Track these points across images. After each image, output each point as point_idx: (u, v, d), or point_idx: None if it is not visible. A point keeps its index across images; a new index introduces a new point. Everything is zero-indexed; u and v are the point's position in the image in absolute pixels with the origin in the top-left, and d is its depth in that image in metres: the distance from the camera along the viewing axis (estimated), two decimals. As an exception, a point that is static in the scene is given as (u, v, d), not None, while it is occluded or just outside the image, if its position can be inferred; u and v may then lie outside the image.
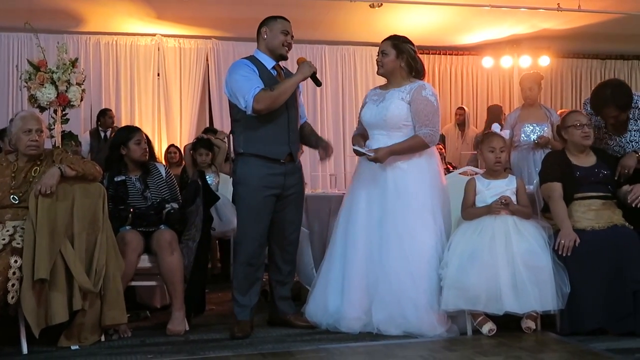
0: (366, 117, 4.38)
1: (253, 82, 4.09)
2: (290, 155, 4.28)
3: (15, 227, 3.89)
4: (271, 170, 4.21)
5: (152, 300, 5.06)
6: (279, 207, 4.30)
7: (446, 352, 3.69)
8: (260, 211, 4.21)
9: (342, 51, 9.95)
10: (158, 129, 9.33)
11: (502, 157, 4.27)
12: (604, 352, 3.64)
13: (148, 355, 3.74)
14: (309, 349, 3.83)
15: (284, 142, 4.25)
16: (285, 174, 4.26)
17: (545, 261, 3.99)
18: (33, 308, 3.70)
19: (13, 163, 4.12)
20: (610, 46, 10.58)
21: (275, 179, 4.22)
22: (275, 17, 4.32)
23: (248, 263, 4.23)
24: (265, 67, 4.26)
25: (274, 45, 4.29)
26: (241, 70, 4.18)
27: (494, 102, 10.60)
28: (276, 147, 4.23)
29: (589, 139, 4.35)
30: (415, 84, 4.29)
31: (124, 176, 4.56)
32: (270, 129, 4.20)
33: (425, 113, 4.23)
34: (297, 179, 4.37)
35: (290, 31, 4.33)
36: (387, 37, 4.39)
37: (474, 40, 9.97)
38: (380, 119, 4.28)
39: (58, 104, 5.44)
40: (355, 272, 4.20)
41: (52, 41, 7.31)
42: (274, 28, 4.29)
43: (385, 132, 4.29)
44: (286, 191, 4.29)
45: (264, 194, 4.20)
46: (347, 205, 4.40)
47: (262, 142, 4.20)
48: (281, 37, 4.28)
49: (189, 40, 9.45)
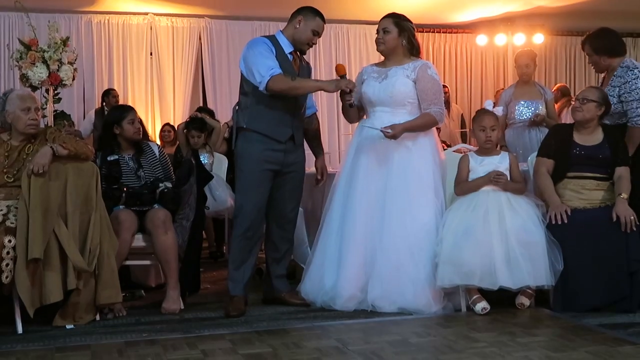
0: (369, 93, 4.34)
1: (270, 62, 4.11)
2: (292, 137, 4.29)
3: (9, 207, 3.88)
4: (271, 147, 4.23)
5: (147, 280, 5.07)
6: (278, 183, 4.32)
7: (440, 329, 3.72)
8: (258, 184, 4.23)
9: (336, 29, 9.88)
10: (151, 108, 9.29)
11: (492, 136, 4.28)
12: (597, 328, 3.67)
13: (143, 334, 3.75)
14: (303, 326, 3.84)
15: (288, 124, 4.27)
16: (285, 151, 4.27)
17: (538, 237, 4.01)
18: (27, 288, 3.70)
19: (6, 142, 4.09)
20: (605, 23, 10.28)
21: (275, 155, 4.24)
22: (315, 13, 4.30)
23: (245, 236, 4.25)
24: (283, 50, 4.26)
25: (301, 39, 4.29)
26: (260, 47, 4.19)
27: (488, 80, 10.62)
28: (280, 128, 4.24)
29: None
30: (419, 62, 4.32)
31: (117, 155, 4.55)
32: (277, 110, 4.21)
33: (434, 91, 4.29)
34: (298, 157, 4.37)
35: (321, 32, 4.34)
36: (387, 14, 4.36)
37: (468, 18, 9.93)
38: (387, 96, 4.28)
39: (50, 83, 5.39)
40: (353, 247, 4.21)
41: (43, 20, 7.25)
42: (309, 24, 4.28)
43: (390, 109, 4.29)
44: (285, 168, 4.30)
45: (262, 167, 4.22)
46: (343, 181, 4.39)
47: (266, 121, 4.22)
48: (310, 35, 4.29)
49: (182, 19, 9.37)
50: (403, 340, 3.48)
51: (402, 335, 3.58)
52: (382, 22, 4.34)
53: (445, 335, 3.57)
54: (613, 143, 4.31)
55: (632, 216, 4.05)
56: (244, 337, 3.63)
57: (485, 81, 10.67)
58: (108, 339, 3.67)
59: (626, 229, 4.02)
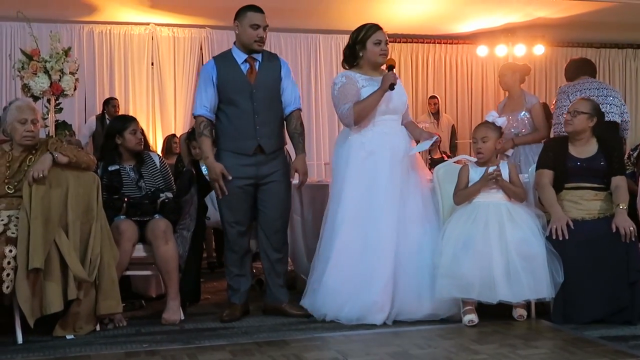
0: (385, 102, 4.26)
1: (203, 95, 4.28)
2: (259, 147, 4.27)
3: (9, 217, 3.88)
4: (241, 162, 4.26)
5: (147, 290, 5.07)
6: (261, 196, 4.34)
7: (441, 341, 3.71)
8: (233, 200, 4.28)
9: (337, 40, 9.87)
10: (152, 118, 9.31)
11: (483, 147, 4.23)
12: (598, 340, 3.66)
13: (143, 344, 3.74)
14: (304, 337, 3.84)
15: (251, 136, 4.26)
16: (257, 164, 4.28)
17: (539, 249, 4.01)
18: (28, 298, 3.70)
19: (8, 152, 4.10)
20: (605, 35, 10.59)
21: (246, 170, 4.26)
22: (246, 10, 4.29)
23: (231, 249, 4.36)
24: (236, 62, 4.30)
25: (245, 41, 4.30)
26: (200, 78, 4.39)
27: (488, 91, 10.64)
28: (242, 142, 4.27)
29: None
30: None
31: (118, 165, 4.55)
32: (237, 124, 4.26)
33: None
34: (275, 167, 4.33)
35: (262, 22, 4.28)
36: (378, 25, 4.40)
37: (469, 29, 9.95)
38: (402, 104, 4.38)
39: (51, 93, 5.40)
40: (383, 261, 4.10)
41: (45, 30, 7.26)
42: (244, 22, 4.28)
43: (397, 117, 4.38)
44: (262, 180, 4.30)
45: (236, 184, 4.25)
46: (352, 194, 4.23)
47: (229, 137, 4.30)
48: (250, 31, 4.26)
49: (183, 30, 9.41)
50: (403, 352, 3.47)
51: (402, 347, 3.58)
52: (382, 34, 4.36)
53: (446, 347, 3.56)
54: (608, 153, 4.32)
55: (632, 227, 4.05)
56: (244, 348, 3.62)
57: (486, 92, 10.68)
58: (108, 349, 3.67)
59: (626, 239, 4.02)
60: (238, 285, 4.37)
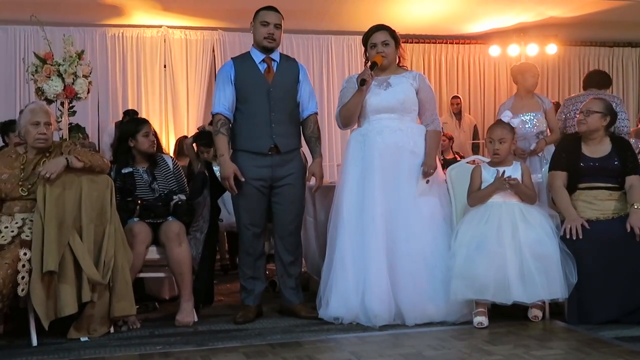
0: (374, 100, 4.31)
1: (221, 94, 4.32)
2: (275, 147, 4.28)
3: (24, 220, 3.91)
4: (257, 163, 4.27)
5: (161, 292, 5.08)
6: (275, 198, 4.35)
7: (455, 342, 3.69)
8: (248, 201, 4.29)
9: (349, 41, 9.89)
10: (165, 120, 9.35)
11: (500, 148, 4.21)
12: (613, 341, 3.64)
13: (157, 346, 3.76)
14: (317, 339, 3.84)
15: (267, 135, 4.27)
16: (272, 166, 4.28)
17: (552, 249, 3.99)
18: (42, 300, 3.72)
19: (22, 155, 4.12)
20: (618, 33, 10.52)
21: (262, 171, 4.27)
22: (260, 9, 4.34)
23: (246, 252, 4.36)
24: (254, 62, 4.34)
25: (256, 39, 4.36)
26: (218, 77, 4.42)
27: (501, 90, 10.60)
28: (258, 141, 4.27)
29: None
30: (415, 72, 4.45)
31: (132, 168, 4.57)
32: (253, 123, 4.28)
33: (433, 103, 4.43)
34: (290, 170, 4.34)
35: (272, 20, 4.31)
36: (378, 26, 4.41)
37: (481, 29, 9.93)
38: (397, 103, 4.30)
39: (65, 96, 5.43)
40: (377, 261, 4.11)
41: (58, 34, 7.27)
42: (256, 22, 4.35)
43: (397, 115, 4.31)
44: (277, 182, 4.31)
45: (251, 185, 4.26)
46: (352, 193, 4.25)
47: (244, 136, 4.30)
48: (261, 29, 4.31)
49: (195, 32, 9.44)
50: (417, 354, 3.46)
51: (416, 348, 3.57)
52: (379, 35, 4.36)
53: (460, 348, 3.55)
54: (622, 152, 4.30)
55: None
56: (258, 349, 3.62)
57: (499, 92, 10.64)
58: (122, 351, 3.68)
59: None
60: (252, 287, 4.38)
